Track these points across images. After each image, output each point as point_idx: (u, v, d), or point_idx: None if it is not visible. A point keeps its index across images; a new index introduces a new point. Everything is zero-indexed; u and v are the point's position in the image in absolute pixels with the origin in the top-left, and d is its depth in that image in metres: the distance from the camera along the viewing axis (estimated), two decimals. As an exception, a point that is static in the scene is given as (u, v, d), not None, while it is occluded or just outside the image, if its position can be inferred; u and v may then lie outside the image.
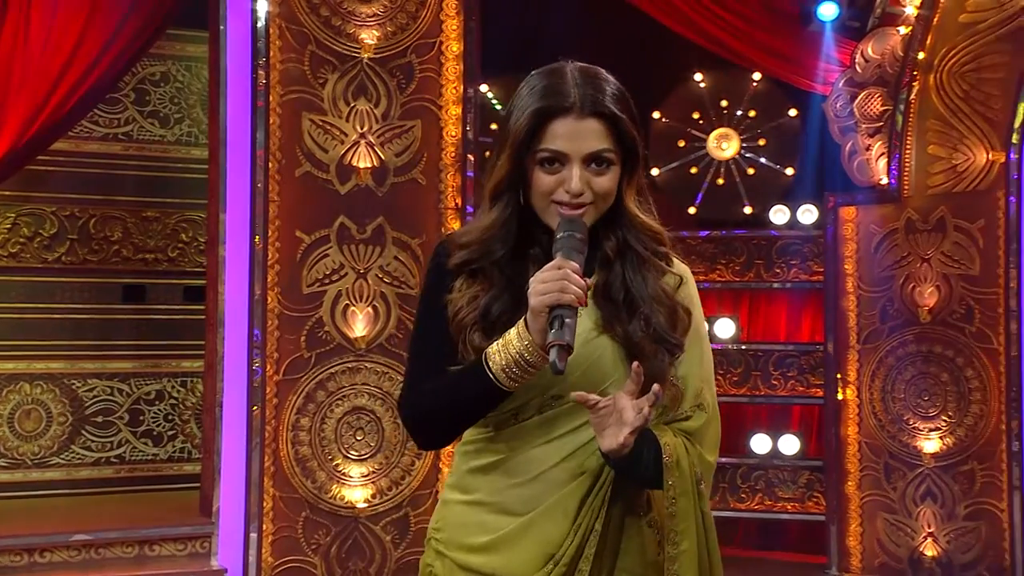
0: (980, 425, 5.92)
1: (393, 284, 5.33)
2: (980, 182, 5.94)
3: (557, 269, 1.83)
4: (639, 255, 2.01)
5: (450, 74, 5.42)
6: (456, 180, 5.38)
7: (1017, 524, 5.84)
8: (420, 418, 2.04)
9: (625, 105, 1.97)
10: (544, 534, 1.96)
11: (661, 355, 1.96)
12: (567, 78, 1.96)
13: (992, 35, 5.94)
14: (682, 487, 1.94)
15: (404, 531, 5.36)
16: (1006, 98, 5.90)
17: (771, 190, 6.83)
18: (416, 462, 5.35)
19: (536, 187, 1.97)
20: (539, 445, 1.98)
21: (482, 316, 1.96)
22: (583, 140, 1.93)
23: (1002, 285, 5.87)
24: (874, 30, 6.25)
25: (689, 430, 2.01)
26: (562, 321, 1.80)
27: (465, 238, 2.03)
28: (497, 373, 1.88)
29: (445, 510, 2.10)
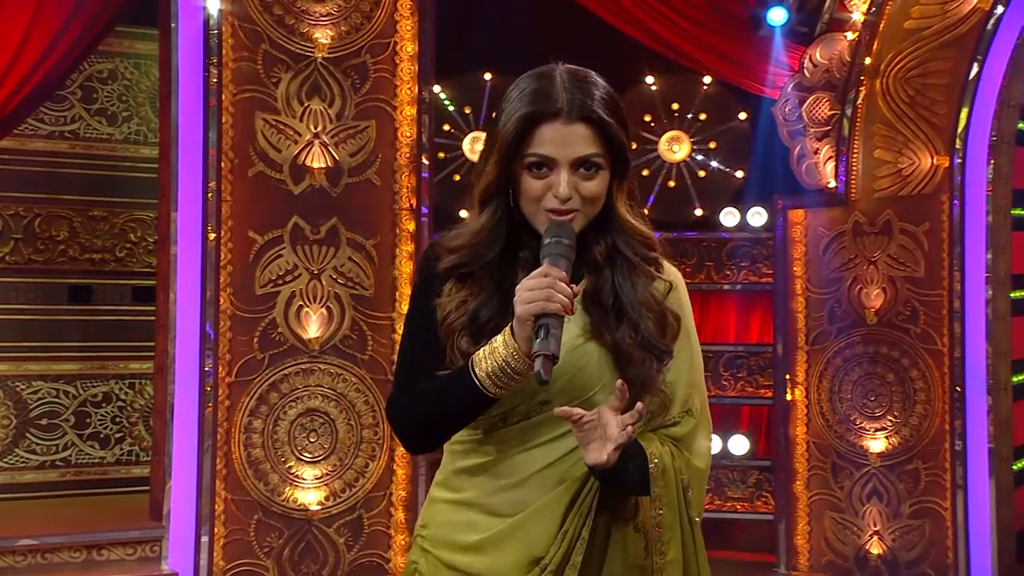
0: (924, 425, 6.03)
1: (347, 285, 5.30)
2: (925, 186, 6.05)
3: (543, 277, 1.82)
4: (629, 261, 2.00)
5: (405, 75, 5.41)
6: (411, 181, 5.37)
7: (960, 522, 5.95)
8: (407, 422, 2.03)
9: (614, 109, 1.95)
10: (531, 537, 1.95)
11: (649, 362, 1.96)
12: (556, 82, 1.95)
13: (936, 41, 6.05)
14: (668, 497, 1.94)
15: (358, 533, 5.34)
16: (950, 103, 6.01)
17: (721, 192, 6.90)
18: (370, 464, 5.33)
19: (524, 192, 1.96)
20: (527, 449, 1.98)
21: (470, 321, 1.96)
22: (571, 145, 1.92)
23: (946, 287, 5.98)
24: (822, 35, 6.33)
25: (676, 436, 2.01)
26: (548, 330, 1.79)
27: (454, 242, 2.02)
28: (483, 379, 1.88)
29: (432, 508, 2.10)
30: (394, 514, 5.36)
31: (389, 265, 5.33)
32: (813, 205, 6.29)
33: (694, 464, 2.01)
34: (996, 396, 5.94)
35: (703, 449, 2.05)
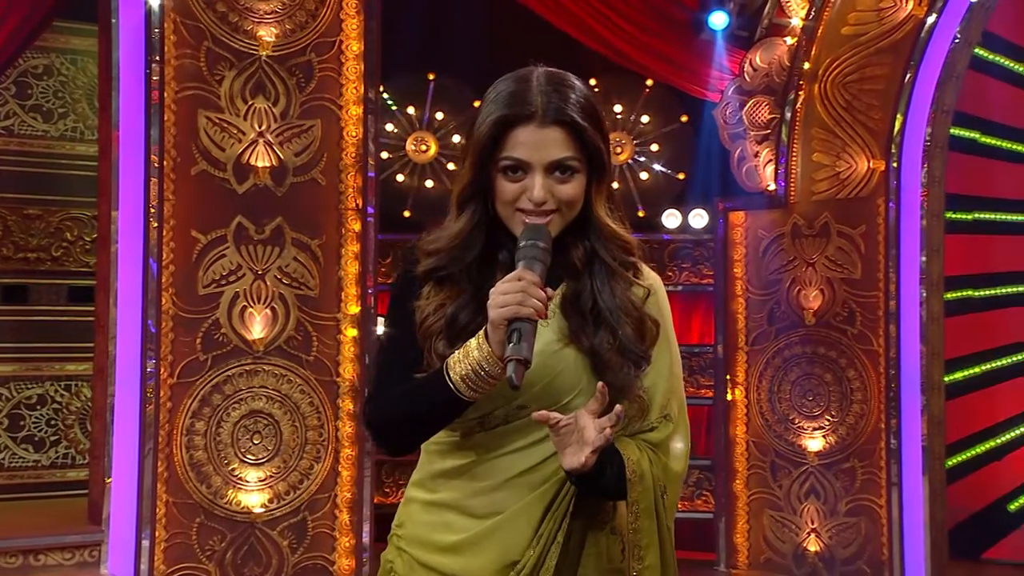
0: (861, 424, 6.14)
1: (292, 285, 5.26)
2: (862, 189, 6.16)
3: (517, 280, 1.81)
4: (608, 265, 1.98)
5: (350, 74, 5.38)
6: (357, 181, 5.34)
7: (895, 519, 6.07)
8: (384, 424, 2.02)
9: (590, 113, 1.94)
10: (506, 541, 1.95)
11: (627, 367, 1.95)
12: (531, 85, 1.94)
13: (873, 47, 6.17)
14: (645, 503, 1.94)
15: (302, 536, 5.30)
16: (886, 108, 6.13)
17: (663, 194, 6.96)
18: (315, 466, 5.29)
19: (500, 195, 1.95)
20: (505, 454, 1.97)
21: (448, 324, 1.95)
22: (545, 148, 1.91)
23: (882, 289, 6.09)
24: (762, 40, 6.43)
25: (654, 441, 2.01)
26: (520, 335, 1.78)
27: (432, 246, 2.00)
28: (457, 383, 1.87)
29: (408, 508, 2.09)
30: (339, 516, 5.32)
31: (335, 265, 5.30)
32: (753, 207, 6.38)
33: (671, 468, 2.01)
34: (930, 395, 6.07)
35: (680, 452, 2.05)
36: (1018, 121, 7.12)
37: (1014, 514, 7.16)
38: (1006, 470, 7.21)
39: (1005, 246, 7.22)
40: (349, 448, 5.30)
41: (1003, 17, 6.63)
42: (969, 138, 7.02)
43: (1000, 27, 6.77)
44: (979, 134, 7.13)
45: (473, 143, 1.96)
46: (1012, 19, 6.92)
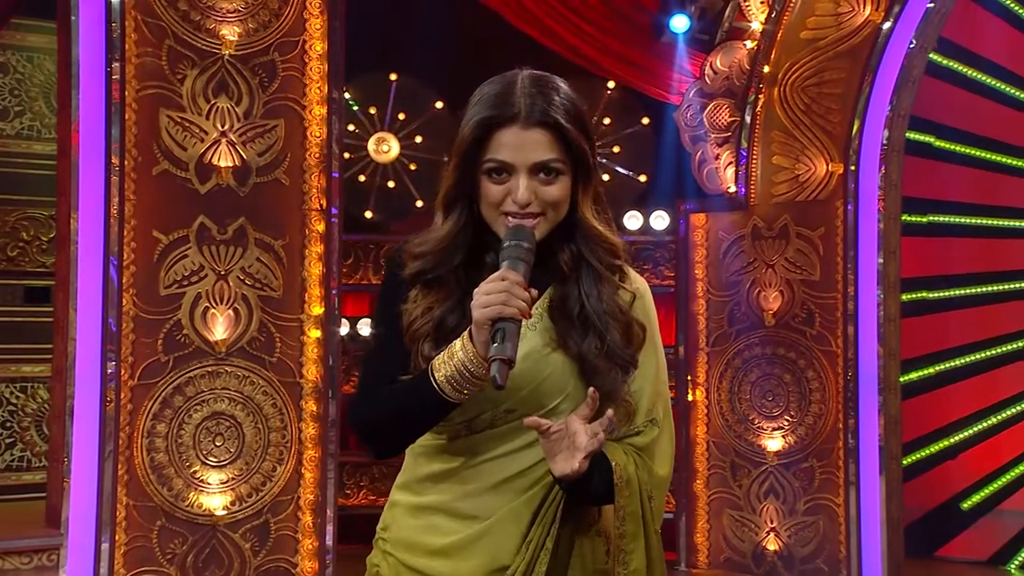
0: (819, 424, 6.21)
1: (255, 286, 5.22)
2: (820, 192, 6.23)
3: (501, 280, 1.81)
4: (595, 270, 1.99)
5: (314, 74, 5.35)
6: (321, 181, 5.31)
7: (853, 518, 6.14)
8: (369, 427, 2.01)
9: (574, 115, 1.95)
10: (495, 546, 1.95)
11: (615, 372, 1.95)
12: (516, 87, 1.94)
13: (831, 51, 6.25)
14: (632, 507, 1.94)
15: (264, 538, 5.26)
16: (844, 112, 6.21)
17: (625, 196, 7.01)
18: (278, 468, 5.26)
19: (484, 197, 1.95)
20: (493, 458, 1.97)
21: (436, 327, 1.94)
22: (528, 150, 1.91)
23: (840, 290, 6.17)
24: (722, 43, 6.49)
25: (640, 445, 2.01)
26: (504, 334, 1.78)
27: (419, 248, 2.00)
28: (442, 384, 1.87)
29: (393, 511, 2.08)
30: (302, 518, 5.29)
31: (298, 266, 5.27)
32: (714, 209, 6.43)
33: (657, 472, 2.01)
34: (886, 396, 6.15)
35: (666, 456, 2.05)
36: (971, 125, 7.24)
37: (967, 512, 7.28)
38: (959, 469, 7.33)
39: (958, 248, 7.34)
40: (312, 450, 5.27)
41: (957, 23, 6.74)
42: (924, 142, 7.14)
43: (954, 33, 6.89)
44: (933, 138, 7.25)
45: (457, 145, 1.96)
46: (965, 25, 7.04)
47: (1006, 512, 7.20)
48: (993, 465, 7.25)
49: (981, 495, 7.26)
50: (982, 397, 7.26)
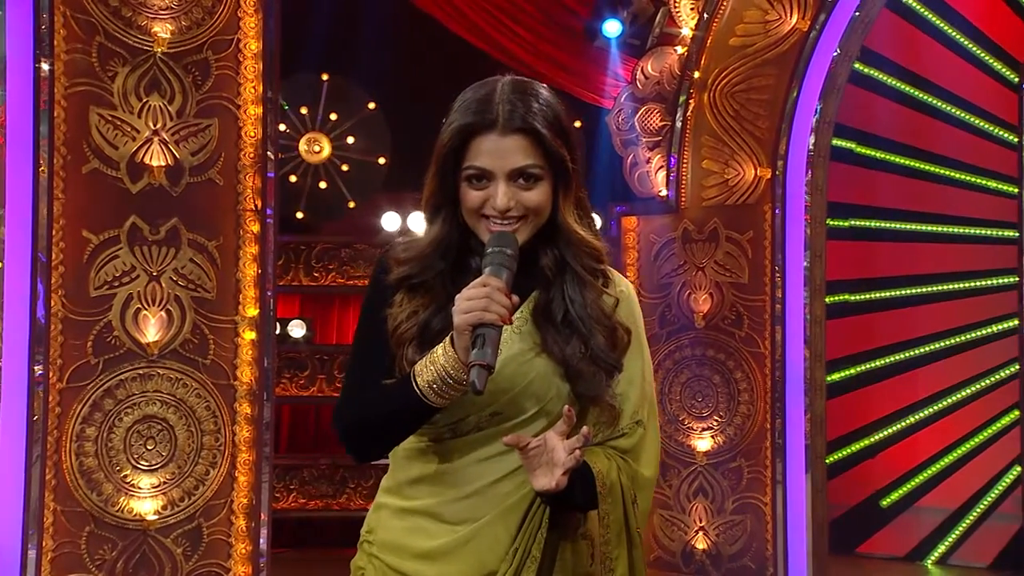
0: (747, 424, 6.32)
1: (188, 287, 5.15)
2: (749, 196, 6.34)
3: (482, 287, 1.82)
4: (578, 274, 2.00)
5: (249, 73, 5.29)
6: (256, 182, 5.25)
7: (779, 516, 6.26)
8: (352, 430, 2.01)
9: (552, 120, 1.96)
10: (482, 551, 1.96)
11: (599, 376, 1.97)
12: (495, 94, 1.95)
13: (760, 58, 6.36)
14: (615, 514, 1.96)
15: (196, 543, 5.18)
16: (772, 118, 6.33)
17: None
18: (211, 471, 5.19)
19: (465, 204, 1.96)
20: (479, 461, 1.98)
21: (421, 331, 1.95)
22: (507, 156, 1.92)
23: (768, 293, 6.29)
24: (653, 48, 6.57)
25: (625, 447, 2.02)
26: (484, 340, 1.78)
27: (405, 254, 2.01)
28: (424, 389, 1.87)
29: (379, 514, 2.08)
30: (235, 522, 5.23)
31: (233, 267, 5.20)
32: (645, 212, 6.51)
33: (642, 474, 2.03)
34: (812, 396, 6.29)
35: (652, 457, 2.07)
36: (893, 133, 7.44)
37: (886, 509, 7.49)
38: (879, 467, 7.53)
39: (880, 252, 7.54)
40: (246, 453, 5.21)
41: (879, 34, 6.92)
42: (846, 148, 7.32)
43: (876, 43, 7.07)
44: (856, 144, 7.43)
45: (436, 151, 1.97)
46: (888, 36, 7.24)
47: (924, 509, 7.42)
48: (912, 463, 7.47)
49: (900, 492, 7.47)
50: (901, 397, 7.47)
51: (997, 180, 7.20)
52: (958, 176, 7.33)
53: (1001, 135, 7.18)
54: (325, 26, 6.73)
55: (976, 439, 7.27)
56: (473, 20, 6.47)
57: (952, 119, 7.34)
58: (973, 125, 7.30)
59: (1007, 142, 7.10)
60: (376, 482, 7.24)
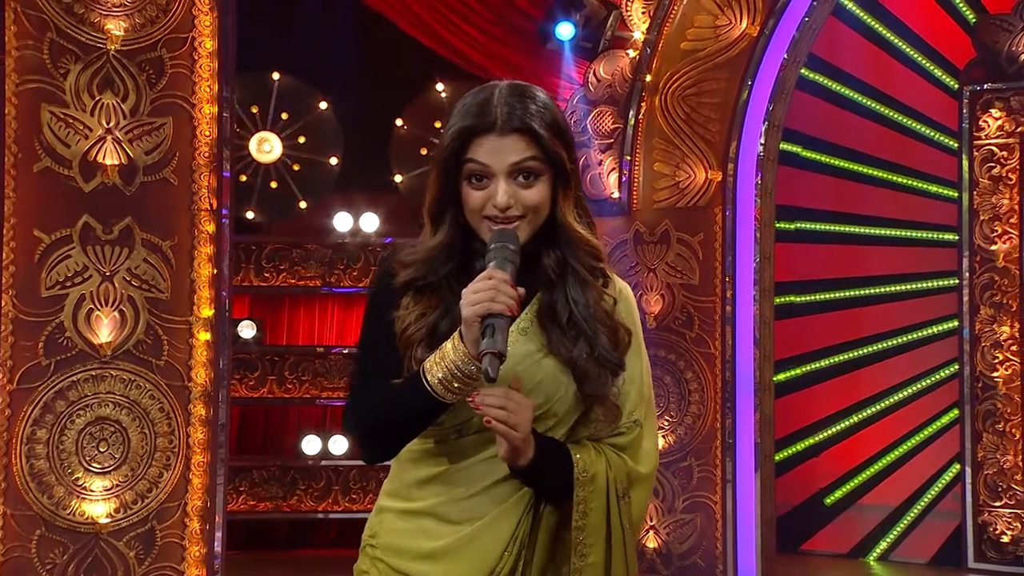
0: (698, 424, 6.40)
1: (142, 288, 5.09)
2: (700, 198, 6.42)
3: (488, 279, 1.85)
4: (580, 276, 2.04)
5: (204, 71, 5.24)
6: (211, 181, 5.21)
7: (729, 515, 6.35)
8: (362, 431, 2.04)
9: (549, 121, 2.00)
10: (484, 548, 1.98)
11: (604, 376, 2.01)
12: (493, 97, 1.99)
13: (710, 63, 6.45)
14: (596, 502, 1.99)
15: (150, 546, 5.13)
16: (722, 121, 6.42)
17: (509, 200, 7.07)
18: (164, 474, 5.14)
19: (467, 204, 1.99)
20: (482, 461, 2.00)
21: (429, 332, 1.97)
22: (505, 154, 1.96)
23: (718, 294, 6.37)
24: (605, 52, 6.62)
25: (620, 445, 2.06)
26: (494, 329, 1.82)
27: (410, 258, 2.03)
28: (435, 386, 1.90)
29: (380, 517, 2.09)
30: (189, 525, 5.18)
31: (187, 267, 5.15)
32: (597, 214, 6.41)
33: (637, 470, 2.07)
34: (761, 396, 6.39)
35: (648, 455, 2.11)
36: (837, 138, 7.58)
37: (830, 507, 7.62)
38: (823, 466, 7.66)
39: (824, 254, 7.67)
40: (201, 455, 5.17)
41: (823, 39, 7.05)
42: (792, 152, 7.43)
43: (820, 48, 7.19)
44: (800, 148, 7.55)
45: (437, 155, 2.02)
46: (831, 41, 7.37)
47: (866, 506, 7.56)
48: (854, 462, 7.60)
49: (843, 491, 7.60)
50: (844, 397, 7.60)
51: (938, 185, 7.35)
52: (899, 180, 7.48)
53: (942, 140, 7.34)
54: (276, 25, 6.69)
55: (917, 438, 7.42)
56: (425, 20, 6.47)
57: (895, 124, 7.48)
58: (915, 130, 7.45)
59: (948, 147, 7.27)
60: (326, 484, 7.21)
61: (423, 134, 7.12)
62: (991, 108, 6.95)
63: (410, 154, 7.10)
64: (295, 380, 7.13)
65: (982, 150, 6.97)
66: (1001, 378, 6.90)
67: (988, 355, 6.95)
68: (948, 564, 7.14)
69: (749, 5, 6.34)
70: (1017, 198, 6.87)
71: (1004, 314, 6.91)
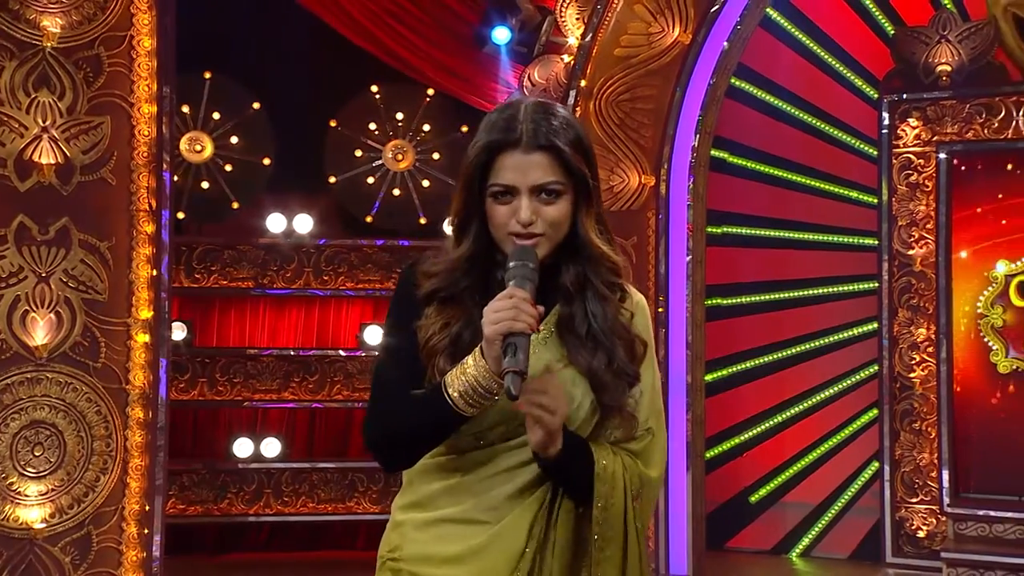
0: (630, 424, 6.48)
1: (79, 289, 5.02)
2: (633, 202, 6.53)
3: (509, 298, 1.92)
4: (598, 290, 2.09)
5: (142, 70, 5.18)
6: (150, 181, 5.15)
7: (662, 513, 6.46)
8: (383, 441, 2.08)
9: (572, 139, 2.06)
10: (509, 544, 2.04)
11: (622, 387, 2.08)
12: (519, 114, 2.05)
13: (643, 69, 6.56)
14: (614, 499, 2.06)
15: (85, 551, 5.05)
16: (655, 127, 6.54)
17: (444, 202, 7.09)
18: (101, 478, 5.06)
19: (492, 219, 2.06)
20: (503, 471, 2.06)
21: (452, 343, 2.03)
22: (530, 172, 2.02)
23: (651, 297, 6.48)
24: (540, 56, 6.68)
25: (634, 450, 2.13)
26: (516, 348, 1.88)
27: (434, 268, 2.09)
28: (456, 400, 1.96)
29: (401, 531, 2.13)
30: (126, 529, 5.12)
31: (125, 268, 5.09)
32: (533, 217, 6.61)
33: (648, 474, 2.14)
34: (693, 396, 6.52)
35: (658, 460, 2.18)
36: (763, 144, 7.75)
37: (754, 505, 7.79)
38: (748, 464, 7.82)
39: (748, 258, 7.84)
40: (139, 458, 5.11)
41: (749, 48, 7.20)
42: (719, 158, 7.59)
43: (746, 57, 7.35)
44: (728, 154, 7.72)
45: (463, 169, 2.07)
46: (760, 53, 7.54)
47: (789, 504, 7.74)
48: (778, 460, 7.78)
49: (767, 489, 7.78)
50: (769, 397, 7.78)
51: (858, 191, 7.57)
52: (822, 186, 7.69)
53: (861, 148, 7.56)
54: (207, 23, 6.61)
55: (838, 437, 7.62)
56: (361, 23, 6.46)
57: (817, 132, 7.69)
58: (838, 139, 7.66)
59: (867, 154, 7.49)
60: (258, 487, 7.12)
61: (357, 135, 7.11)
62: (909, 117, 7.19)
63: (345, 155, 7.08)
64: (226, 382, 7.06)
65: (900, 158, 7.21)
66: (918, 378, 7.14)
67: (906, 356, 7.18)
68: (867, 559, 7.35)
69: (681, 14, 6.47)
70: (933, 204, 7.11)
71: (921, 316, 7.15)
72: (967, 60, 7.00)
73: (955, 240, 7.07)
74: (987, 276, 7.03)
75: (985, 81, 6.99)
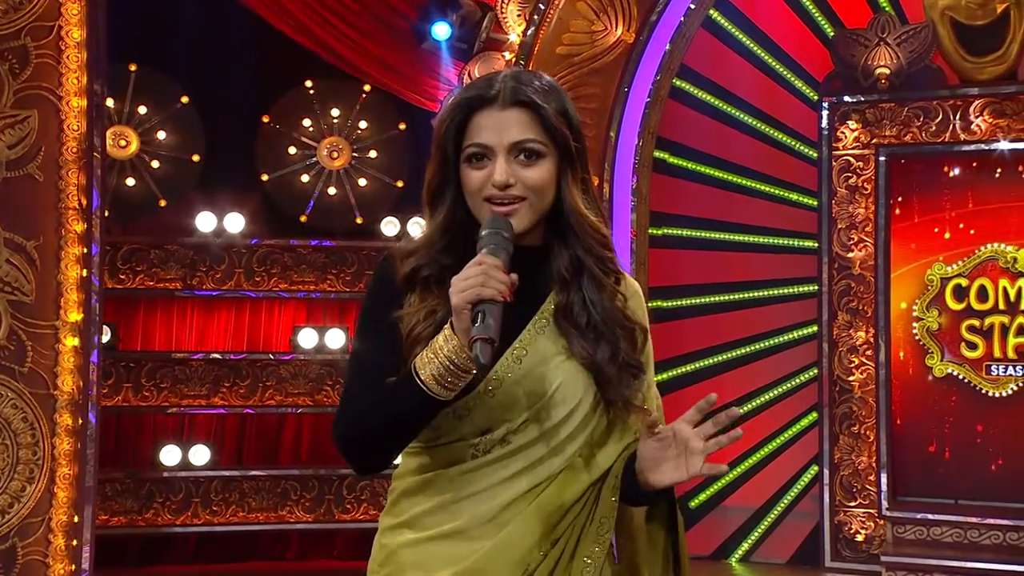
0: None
1: (4, 291, 4.76)
2: (576, 203, 6.41)
3: (478, 265, 1.77)
4: (595, 276, 1.96)
5: (71, 63, 4.93)
6: (80, 178, 4.91)
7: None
8: (354, 439, 1.90)
9: (553, 98, 1.93)
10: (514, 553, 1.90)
11: (626, 380, 1.95)
12: (497, 75, 1.93)
13: (586, 68, 6.46)
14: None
15: (10, 564, 4.80)
16: (599, 127, 6.45)
17: (382, 202, 6.93)
18: (27, 487, 4.80)
19: (467, 186, 1.90)
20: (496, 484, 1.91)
21: (438, 330, 1.85)
22: (506, 130, 1.88)
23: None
24: (480, 53, 6.55)
25: None
26: (484, 315, 1.73)
27: (410, 246, 1.94)
28: (428, 383, 1.79)
29: (392, 552, 1.96)
30: (53, 541, 4.86)
31: (53, 269, 4.84)
32: (474, 218, 6.48)
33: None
34: (636, 400, 6.42)
35: None
36: (703, 145, 7.71)
37: (695, 510, 7.73)
38: (688, 469, 7.76)
39: (689, 260, 7.79)
40: (67, 467, 4.85)
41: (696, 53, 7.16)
42: (660, 159, 7.52)
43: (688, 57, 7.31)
44: (668, 155, 7.65)
45: (436, 132, 1.93)
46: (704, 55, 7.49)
47: (729, 508, 7.70)
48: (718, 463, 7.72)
49: (707, 493, 7.73)
50: (709, 400, 7.72)
51: (799, 193, 7.56)
52: (763, 188, 7.66)
53: (802, 150, 7.55)
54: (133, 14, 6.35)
55: (778, 440, 7.60)
56: (296, 16, 6.27)
57: (758, 133, 7.66)
58: (777, 140, 7.65)
59: (807, 157, 7.48)
60: (185, 496, 6.88)
61: (291, 132, 6.90)
62: (848, 120, 7.19)
63: (278, 152, 6.86)
64: (152, 387, 6.80)
65: (840, 160, 7.20)
66: (857, 382, 7.14)
67: (845, 359, 7.18)
68: (806, 564, 7.34)
69: (624, 12, 6.38)
70: (872, 207, 7.12)
71: (860, 320, 7.15)
72: (906, 63, 7.02)
73: (893, 243, 7.09)
74: (924, 279, 7.07)
75: (923, 84, 7.02)
